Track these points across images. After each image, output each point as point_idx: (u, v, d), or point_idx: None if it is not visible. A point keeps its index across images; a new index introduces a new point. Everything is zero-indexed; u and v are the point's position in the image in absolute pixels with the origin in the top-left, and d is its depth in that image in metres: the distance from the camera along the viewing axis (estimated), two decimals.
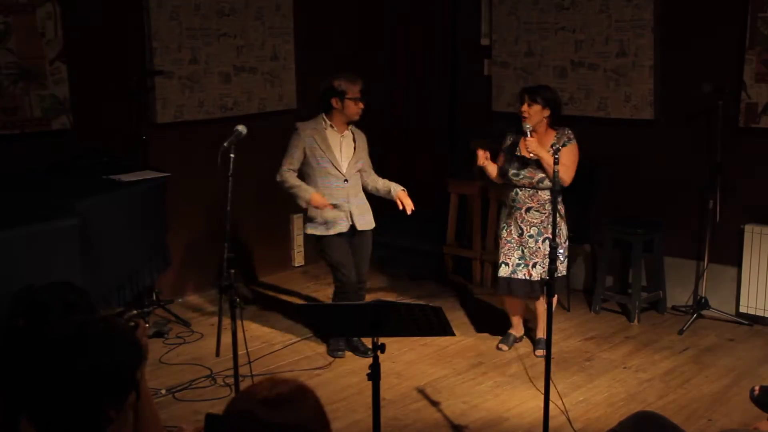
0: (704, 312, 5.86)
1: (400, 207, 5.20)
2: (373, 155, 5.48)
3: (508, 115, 6.25)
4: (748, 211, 5.78)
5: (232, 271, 4.05)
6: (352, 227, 5.22)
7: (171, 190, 5.78)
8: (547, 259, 5.12)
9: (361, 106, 5.16)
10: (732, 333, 5.71)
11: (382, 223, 5.39)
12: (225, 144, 4.37)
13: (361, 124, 5.37)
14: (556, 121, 5.20)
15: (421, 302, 3.46)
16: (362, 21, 7.52)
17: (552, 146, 5.04)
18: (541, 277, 5.15)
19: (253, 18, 6.62)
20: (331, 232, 5.19)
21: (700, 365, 5.21)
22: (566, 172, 5.06)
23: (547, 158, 5.01)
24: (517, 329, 5.58)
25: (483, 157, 5.19)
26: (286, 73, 6.89)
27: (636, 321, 5.93)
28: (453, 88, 7.48)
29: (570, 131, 5.22)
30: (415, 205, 5.19)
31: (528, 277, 5.23)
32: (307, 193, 5.09)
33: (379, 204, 5.42)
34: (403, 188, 5.26)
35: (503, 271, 5.29)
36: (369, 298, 5.37)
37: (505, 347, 5.48)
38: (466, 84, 7.22)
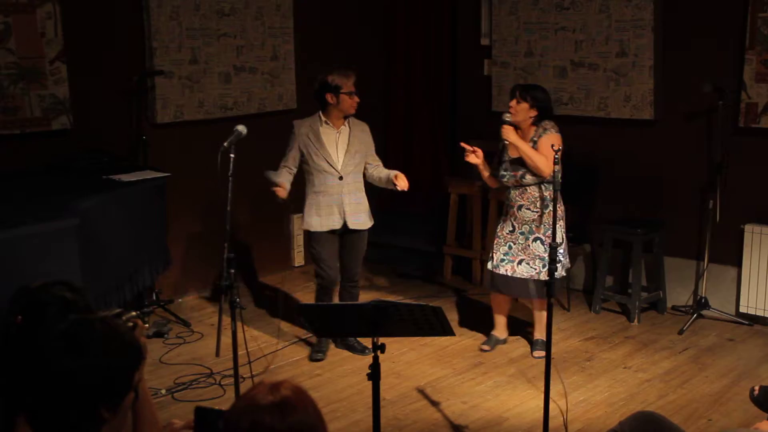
0: (704, 312, 5.86)
1: (399, 187, 5.01)
2: (376, 150, 5.45)
3: None
4: (748, 211, 5.78)
5: (232, 271, 4.05)
6: (345, 225, 5.21)
7: (171, 190, 5.78)
8: (537, 260, 5.14)
9: (356, 99, 5.13)
10: (732, 333, 5.71)
11: (382, 222, 5.37)
12: (225, 144, 4.37)
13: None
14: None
15: (421, 302, 3.45)
16: (362, 21, 7.52)
17: (531, 140, 5.11)
18: (530, 277, 5.15)
19: (253, 18, 6.62)
20: (323, 228, 5.19)
21: (700, 365, 5.21)
22: (543, 162, 5.01)
23: (523, 146, 5.05)
24: (500, 330, 5.55)
25: (470, 151, 5.16)
26: (286, 73, 6.89)
27: (636, 321, 5.93)
28: (453, 88, 7.48)
29: (549, 122, 5.14)
30: (415, 205, 5.18)
31: (511, 274, 5.22)
32: (277, 177, 5.07)
33: (379, 203, 5.41)
34: (399, 172, 5.11)
35: (488, 264, 5.34)
36: (369, 298, 5.36)
37: (487, 347, 5.47)
38: (466, 84, 7.22)
